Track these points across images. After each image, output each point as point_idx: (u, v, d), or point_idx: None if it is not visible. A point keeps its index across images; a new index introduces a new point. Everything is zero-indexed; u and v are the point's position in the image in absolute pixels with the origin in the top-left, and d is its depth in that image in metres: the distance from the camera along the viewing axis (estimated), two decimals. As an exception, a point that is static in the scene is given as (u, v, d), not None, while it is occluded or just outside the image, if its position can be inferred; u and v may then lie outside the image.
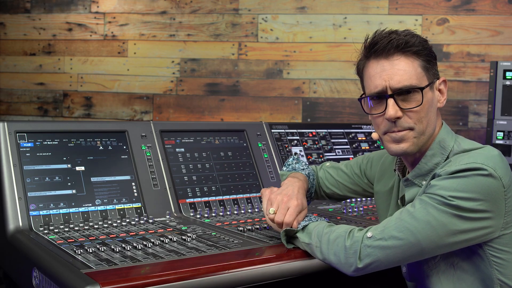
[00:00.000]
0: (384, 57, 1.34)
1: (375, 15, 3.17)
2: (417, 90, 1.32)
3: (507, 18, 3.03)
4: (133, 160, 2.00)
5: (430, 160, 1.38)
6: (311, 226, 1.45)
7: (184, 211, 1.99)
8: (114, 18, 3.48)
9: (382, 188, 1.61)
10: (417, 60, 1.34)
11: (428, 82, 1.35)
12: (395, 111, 1.32)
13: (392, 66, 1.33)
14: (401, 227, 1.26)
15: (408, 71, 1.32)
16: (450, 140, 1.39)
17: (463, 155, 1.32)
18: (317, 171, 1.84)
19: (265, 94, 3.30)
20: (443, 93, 1.40)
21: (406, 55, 1.33)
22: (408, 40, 1.33)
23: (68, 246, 1.49)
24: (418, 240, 1.25)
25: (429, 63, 1.36)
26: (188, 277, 1.28)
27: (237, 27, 3.32)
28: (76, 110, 3.55)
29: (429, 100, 1.35)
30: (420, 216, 1.26)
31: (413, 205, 1.29)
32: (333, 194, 1.81)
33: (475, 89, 3.07)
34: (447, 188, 1.25)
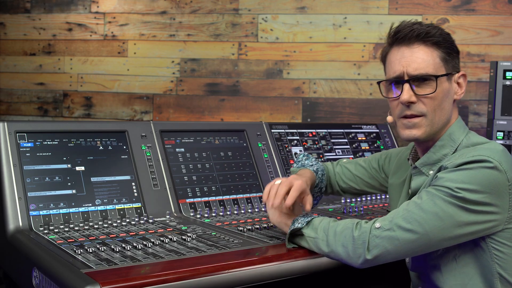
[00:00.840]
0: (405, 45, 1.41)
1: (375, 15, 3.17)
2: (432, 78, 1.38)
3: (507, 18, 3.03)
4: (133, 160, 2.00)
5: (439, 151, 1.42)
6: (316, 221, 1.44)
7: (184, 211, 1.99)
8: (114, 18, 3.48)
9: (396, 181, 1.64)
10: (437, 50, 1.40)
11: (446, 73, 1.40)
12: (409, 95, 1.38)
13: (411, 54, 1.40)
14: (409, 218, 1.28)
15: (426, 59, 1.39)
16: (461, 134, 1.43)
17: (469, 149, 1.35)
18: (333, 167, 1.88)
19: (265, 94, 3.30)
20: (462, 86, 1.45)
21: (426, 45, 1.40)
22: (429, 30, 1.39)
23: (68, 246, 1.49)
24: (426, 231, 1.27)
25: (449, 56, 1.41)
26: (188, 277, 1.28)
27: (237, 27, 3.32)
28: (76, 110, 3.55)
29: (444, 90, 1.40)
30: (427, 207, 1.28)
31: (420, 197, 1.31)
32: (349, 188, 1.85)
33: (475, 89, 3.07)
34: (453, 180, 1.27)
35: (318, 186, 1.78)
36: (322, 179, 1.79)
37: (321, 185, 1.80)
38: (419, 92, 1.39)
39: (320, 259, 1.50)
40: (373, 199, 2.33)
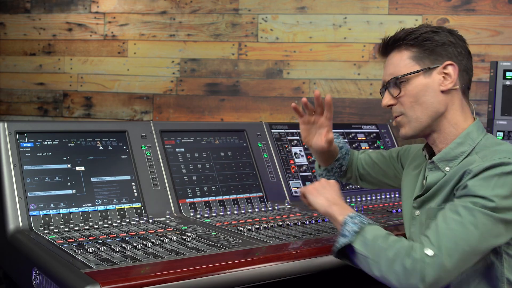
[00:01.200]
0: (386, 56, 1.55)
1: (375, 15, 3.17)
2: (403, 79, 1.46)
3: (507, 18, 3.03)
4: (133, 160, 2.00)
5: (457, 148, 1.45)
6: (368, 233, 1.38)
7: (184, 211, 1.99)
8: (114, 18, 3.48)
9: (411, 171, 1.66)
10: (407, 51, 1.47)
11: (421, 68, 1.45)
12: (386, 100, 1.52)
13: (387, 62, 1.53)
14: (456, 238, 1.27)
15: (395, 63, 1.49)
16: (479, 134, 1.47)
17: (491, 151, 1.38)
18: (358, 153, 1.96)
19: (265, 94, 3.30)
20: (450, 75, 1.46)
21: (399, 49, 1.49)
22: (397, 35, 1.49)
23: (68, 246, 1.49)
24: (472, 247, 1.28)
25: (424, 52, 1.46)
26: (188, 276, 1.28)
27: (237, 27, 3.32)
28: (76, 110, 3.55)
29: (419, 85, 1.45)
30: (469, 224, 1.28)
31: (457, 213, 1.29)
32: (366, 175, 1.90)
33: (475, 89, 3.07)
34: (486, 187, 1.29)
35: (339, 161, 1.89)
36: (344, 157, 1.91)
37: (342, 162, 1.91)
38: (394, 94, 1.49)
39: (320, 259, 1.50)
40: (373, 199, 2.34)
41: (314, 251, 1.51)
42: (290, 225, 1.79)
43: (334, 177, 1.93)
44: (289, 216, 1.96)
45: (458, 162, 1.43)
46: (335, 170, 1.91)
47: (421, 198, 1.50)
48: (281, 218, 1.91)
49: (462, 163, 1.42)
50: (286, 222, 1.80)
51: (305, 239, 1.62)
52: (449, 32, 1.48)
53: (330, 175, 1.92)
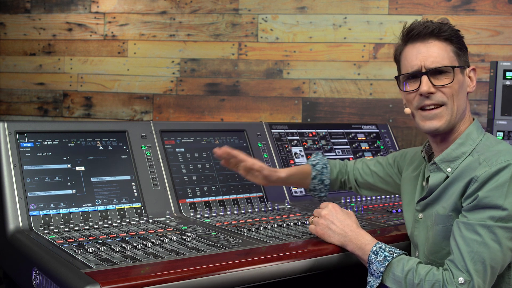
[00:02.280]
0: (420, 41, 1.47)
1: (375, 15, 3.17)
2: (449, 70, 1.44)
3: (507, 18, 3.03)
4: (133, 160, 2.00)
5: (459, 148, 1.45)
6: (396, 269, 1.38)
7: (184, 211, 1.99)
8: (114, 18, 3.48)
9: (410, 174, 1.67)
10: (450, 45, 1.47)
11: (459, 65, 1.47)
12: (428, 86, 1.44)
13: (427, 49, 1.46)
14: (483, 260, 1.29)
15: (441, 53, 1.45)
16: (479, 134, 1.48)
17: (493, 153, 1.38)
18: (354, 164, 1.95)
19: (265, 94, 3.30)
20: (473, 80, 1.52)
21: (440, 40, 1.46)
22: (441, 27, 1.46)
23: (68, 246, 1.49)
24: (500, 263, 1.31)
25: (460, 50, 1.48)
26: (188, 277, 1.28)
27: (237, 27, 3.32)
28: (76, 110, 3.55)
29: (460, 81, 1.46)
30: (491, 242, 1.30)
31: (476, 233, 1.30)
32: (365, 183, 1.91)
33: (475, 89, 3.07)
34: (499, 196, 1.30)
35: (316, 178, 1.90)
36: (322, 172, 1.91)
37: (322, 177, 1.91)
38: (437, 83, 1.44)
39: (320, 259, 1.50)
40: (373, 199, 2.34)
41: (314, 251, 1.51)
42: (290, 225, 1.79)
43: (324, 194, 1.93)
44: (289, 216, 1.96)
45: (459, 162, 1.43)
46: (318, 187, 1.91)
47: (424, 201, 1.50)
48: (281, 218, 1.91)
49: (463, 164, 1.42)
50: (286, 222, 1.80)
51: (305, 239, 1.61)
52: None
53: (318, 193, 1.93)
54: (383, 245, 1.44)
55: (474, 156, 1.41)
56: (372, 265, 1.42)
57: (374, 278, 1.40)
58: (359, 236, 1.49)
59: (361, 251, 1.46)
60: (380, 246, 1.43)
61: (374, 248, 1.43)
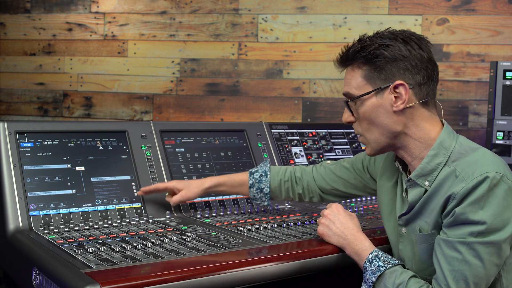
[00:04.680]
0: (343, 70, 1.50)
1: (375, 15, 3.17)
2: (355, 99, 1.43)
3: (507, 18, 3.03)
4: (133, 160, 2.00)
5: (432, 160, 1.39)
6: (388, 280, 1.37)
7: (184, 211, 1.99)
8: (114, 18, 3.48)
9: (386, 183, 1.61)
10: (359, 69, 1.42)
11: (373, 89, 1.40)
12: (346, 116, 1.49)
13: (345, 77, 1.48)
14: (465, 277, 1.28)
15: (349, 81, 1.45)
16: (452, 140, 1.40)
17: (467, 163, 1.34)
18: (314, 171, 1.85)
19: (265, 94, 3.30)
20: (401, 96, 1.39)
21: (352, 67, 1.44)
22: (350, 53, 1.42)
23: (68, 246, 1.49)
24: (484, 278, 1.29)
25: (374, 71, 1.39)
26: (188, 277, 1.28)
27: (237, 27, 3.32)
28: (76, 110, 3.55)
29: (372, 107, 1.41)
30: (472, 259, 1.28)
31: (456, 250, 1.29)
32: (333, 190, 1.81)
33: (475, 89, 3.07)
34: (476, 212, 1.27)
35: (254, 186, 1.86)
36: (260, 180, 1.86)
37: (260, 185, 1.86)
38: (354, 113, 1.46)
39: (320, 259, 1.50)
40: (373, 199, 2.33)
41: (314, 251, 1.51)
42: (290, 225, 1.79)
43: (267, 202, 1.87)
44: (289, 216, 1.96)
45: (436, 174, 1.38)
46: (258, 196, 1.86)
47: (405, 216, 1.47)
48: (281, 218, 1.91)
49: (440, 176, 1.38)
50: (286, 222, 1.80)
51: (305, 239, 1.61)
52: (404, 41, 1.38)
53: (260, 202, 1.87)
54: (379, 254, 1.42)
55: (451, 167, 1.36)
56: (366, 273, 1.40)
57: (366, 286, 1.40)
58: (357, 241, 1.47)
59: (357, 257, 1.46)
60: (376, 255, 1.41)
61: (370, 256, 1.42)
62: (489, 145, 2.61)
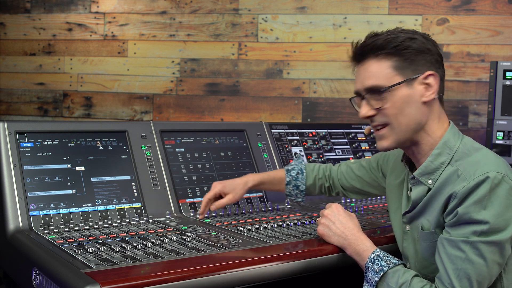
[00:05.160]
0: (360, 63, 1.48)
1: (375, 15, 3.17)
2: (386, 89, 1.40)
3: (507, 18, 3.03)
4: (133, 160, 2.00)
5: (436, 159, 1.41)
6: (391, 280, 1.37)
7: (184, 211, 1.99)
8: (114, 18, 3.48)
9: (393, 181, 1.64)
10: (388, 61, 1.41)
11: (403, 79, 1.40)
12: (366, 110, 1.46)
13: (364, 70, 1.46)
14: (469, 276, 1.29)
15: (376, 72, 1.42)
16: (456, 140, 1.43)
17: (469, 163, 1.35)
18: (338, 169, 1.95)
19: (265, 94, 3.30)
20: (431, 86, 1.42)
21: (378, 58, 1.42)
22: (375, 43, 1.42)
23: (68, 246, 1.49)
24: (487, 276, 1.30)
25: (404, 61, 1.40)
26: (188, 277, 1.28)
27: (237, 27, 3.32)
28: (76, 110, 3.55)
29: (402, 97, 1.40)
30: (475, 257, 1.29)
31: (460, 249, 1.30)
32: (352, 188, 1.90)
33: (475, 89, 3.07)
34: (479, 211, 1.28)
35: (290, 184, 1.94)
36: (296, 177, 1.94)
37: (296, 183, 1.94)
38: (377, 105, 1.43)
39: (320, 259, 1.50)
40: (373, 199, 2.33)
41: (314, 251, 1.51)
42: (290, 225, 1.79)
43: (301, 199, 1.97)
44: (289, 216, 1.96)
45: (439, 173, 1.40)
46: (294, 193, 1.95)
47: (409, 214, 1.49)
48: (281, 218, 1.91)
49: (443, 175, 1.39)
50: (286, 222, 1.80)
51: (305, 239, 1.62)
52: (424, 37, 1.43)
53: (294, 198, 1.97)
54: (381, 253, 1.42)
55: (454, 166, 1.38)
56: (368, 273, 1.40)
57: (369, 286, 1.40)
58: (358, 241, 1.48)
59: (359, 257, 1.46)
60: (378, 254, 1.42)
61: (372, 255, 1.42)
62: (489, 145, 2.61)
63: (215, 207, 1.85)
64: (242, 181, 1.89)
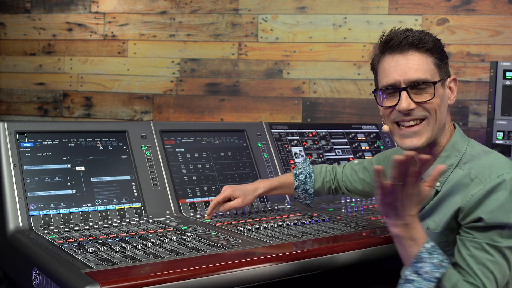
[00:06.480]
0: (399, 53, 1.40)
1: (375, 15, 3.17)
2: (429, 84, 1.38)
3: (507, 18, 3.03)
4: (133, 160, 2.00)
5: (445, 161, 1.41)
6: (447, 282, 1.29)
7: (184, 211, 1.99)
8: (114, 18, 3.48)
9: None
10: (431, 57, 1.39)
11: (440, 78, 1.40)
12: (408, 103, 1.37)
13: (406, 61, 1.38)
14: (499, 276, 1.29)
15: (422, 66, 1.38)
16: (463, 143, 1.43)
17: (482, 166, 1.34)
18: (342, 170, 1.97)
19: (265, 94, 3.30)
20: (453, 91, 1.45)
21: (420, 52, 1.39)
22: (422, 37, 1.39)
23: (68, 246, 1.49)
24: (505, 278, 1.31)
25: (441, 61, 1.41)
26: (188, 276, 1.28)
27: (237, 27, 3.32)
28: (76, 110, 3.55)
29: (440, 95, 1.40)
30: (500, 259, 1.29)
31: (487, 252, 1.29)
32: (355, 189, 1.93)
33: (475, 89, 3.07)
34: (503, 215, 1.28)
35: (299, 188, 1.97)
36: (305, 182, 1.96)
37: (305, 187, 1.96)
38: (418, 99, 1.37)
39: (320, 259, 1.50)
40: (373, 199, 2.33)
41: (314, 251, 1.51)
42: (290, 225, 1.79)
43: (310, 201, 1.99)
44: (289, 216, 1.96)
45: (447, 175, 1.40)
46: (302, 196, 1.98)
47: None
48: (281, 218, 1.91)
49: (452, 178, 1.39)
50: (286, 222, 1.80)
51: (305, 239, 1.62)
52: None
53: (303, 201, 2.00)
54: (434, 244, 1.29)
55: (464, 169, 1.37)
56: (422, 264, 1.26)
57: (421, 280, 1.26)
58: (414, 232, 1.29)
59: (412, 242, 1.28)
60: (433, 245, 1.28)
61: (428, 245, 1.27)
62: (489, 145, 2.61)
63: (223, 209, 1.87)
64: (252, 187, 1.90)
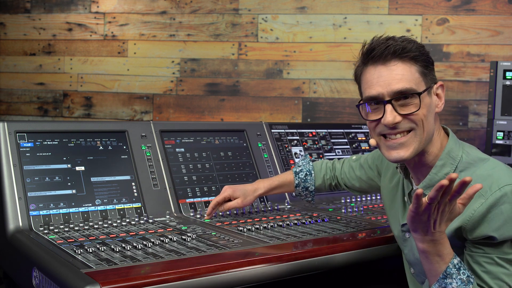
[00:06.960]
0: (382, 63, 1.34)
1: (375, 15, 3.17)
2: (414, 95, 1.31)
3: (507, 18, 3.03)
4: (133, 160, 2.00)
5: (440, 171, 1.37)
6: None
7: (184, 211, 1.99)
8: (114, 18, 3.48)
9: (388, 184, 1.62)
10: (415, 65, 1.33)
11: (426, 87, 1.34)
12: (393, 117, 1.32)
13: (389, 72, 1.32)
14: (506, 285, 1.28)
15: (405, 75, 1.31)
16: (458, 150, 1.38)
17: (480, 177, 1.30)
18: (341, 167, 1.95)
19: (265, 94, 3.30)
20: (441, 97, 1.39)
21: (404, 61, 1.32)
22: (405, 46, 1.32)
23: (68, 246, 1.49)
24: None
25: (426, 68, 1.35)
26: (188, 276, 1.28)
27: (237, 27, 3.32)
28: (76, 110, 3.55)
29: (427, 105, 1.34)
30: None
31: (502, 266, 1.28)
32: (353, 186, 1.92)
33: (475, 89, 3.07)
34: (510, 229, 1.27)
35: (299, 186, 1.95)
36: (305, 179, 1.95)
37: (305, 184, 1.95)
38: (403, 111, 1.32)
39: (320, 259, 1.50)
40: (373, 199, 2.33)
41: (314, 251, 1.51)
42: (290, 225, 1.79)
43: (311, 198, 1.98)
44: (289, 216, 1.96)
45: None
46: (303, 193, 1.97)
47: None
48: (281, 218, 1.91)
49: None
50: (286, 222, 1.80)
51: (305, 239, 1.62)
52: None
53: (304, 198, 1.99)
54: (460, 259, 1.27)
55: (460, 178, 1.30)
56: (450, 280, 1.23)
57: None
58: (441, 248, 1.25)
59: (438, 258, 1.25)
60: (460, 260, 1.26)
61: (455, 261, 1.24)
62: (489, 145, 2.61)
63: (223, 209, 1.87)
64: (252, 188, 1.90)
